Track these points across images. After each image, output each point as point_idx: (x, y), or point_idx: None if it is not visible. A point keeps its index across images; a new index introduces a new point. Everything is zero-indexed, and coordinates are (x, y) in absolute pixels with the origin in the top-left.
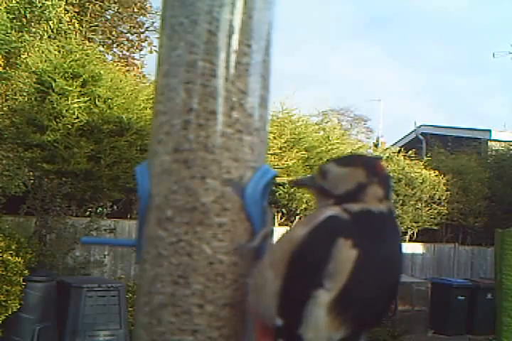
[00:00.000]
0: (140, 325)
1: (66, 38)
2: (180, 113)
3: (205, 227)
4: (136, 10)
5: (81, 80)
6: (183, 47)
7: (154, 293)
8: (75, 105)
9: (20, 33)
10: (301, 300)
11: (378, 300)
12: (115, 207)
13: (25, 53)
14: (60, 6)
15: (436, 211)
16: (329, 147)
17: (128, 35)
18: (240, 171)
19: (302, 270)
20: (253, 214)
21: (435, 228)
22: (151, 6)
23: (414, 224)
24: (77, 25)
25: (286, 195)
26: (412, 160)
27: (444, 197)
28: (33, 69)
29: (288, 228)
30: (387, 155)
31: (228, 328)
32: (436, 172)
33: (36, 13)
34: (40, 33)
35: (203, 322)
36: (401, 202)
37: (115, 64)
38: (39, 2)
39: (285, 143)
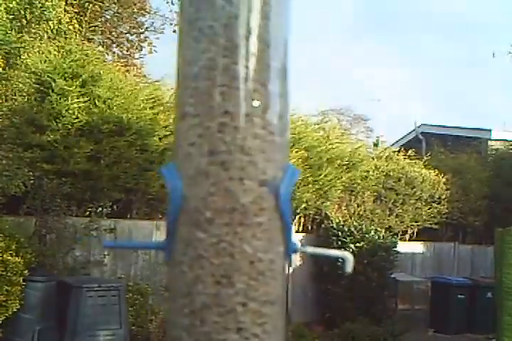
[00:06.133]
0: (180, 326)
1: (66, 39)
2: (215, 115)
3: (245, 227)
4: (135, 10)
5: (80, 80)
6: (214, 51)
7: (196, 294)
8: (75, 105)
9: (20, 34)
10: None
11: None
12: (115, 207)
13: (25, 54)
14: (60, 7)
15: (436, 210)
16: (329, 146)
17: (128, 35)
18: (273, 172)
19: None
20: (285, 212)
21: (435, 227)
22: (150, 7)
23: (414, 223)
24: (76, 25)
25: None
26: (412, 159)
27: (444, 197)
28: (33, 69)
29: None
30: (386, 154)
31: (269, 324)
32: (436, 172)
33: (36, 13)
34: (40, 33)
35: (247, 320)
36: (401, 201)
37: (115, 64)
38: (39, 3)
39: None
